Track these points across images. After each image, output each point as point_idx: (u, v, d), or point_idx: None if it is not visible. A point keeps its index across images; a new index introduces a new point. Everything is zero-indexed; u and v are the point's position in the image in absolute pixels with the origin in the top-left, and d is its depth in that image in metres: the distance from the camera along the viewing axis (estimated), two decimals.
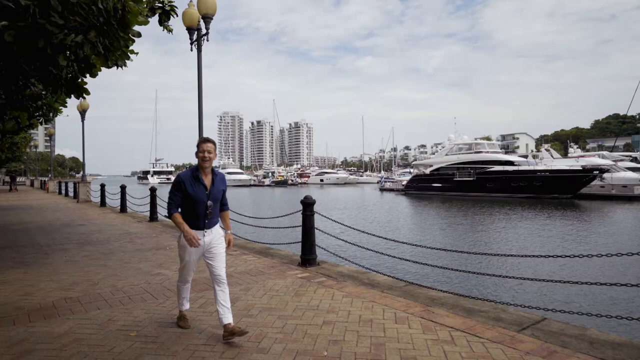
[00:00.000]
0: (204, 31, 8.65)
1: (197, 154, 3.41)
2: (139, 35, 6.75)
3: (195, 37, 8.87)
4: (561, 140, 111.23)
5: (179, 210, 3.40)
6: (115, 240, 8.64)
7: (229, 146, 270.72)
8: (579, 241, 15.83)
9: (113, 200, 17.64)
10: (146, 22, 6.74)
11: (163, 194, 14.04)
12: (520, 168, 40.84)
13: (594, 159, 43.44)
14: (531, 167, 40.71)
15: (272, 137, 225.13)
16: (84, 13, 5.98)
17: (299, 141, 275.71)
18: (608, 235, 17.29)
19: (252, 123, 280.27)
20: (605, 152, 52.66)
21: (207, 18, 8.45)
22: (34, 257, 7.03)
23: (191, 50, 9.03)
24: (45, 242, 8.49)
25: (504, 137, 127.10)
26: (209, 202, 3.37)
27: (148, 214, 12.45)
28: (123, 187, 15.33)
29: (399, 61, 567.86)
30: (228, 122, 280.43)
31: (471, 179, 43.63)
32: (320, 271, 5.69)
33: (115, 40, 6.50)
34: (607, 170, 38.08)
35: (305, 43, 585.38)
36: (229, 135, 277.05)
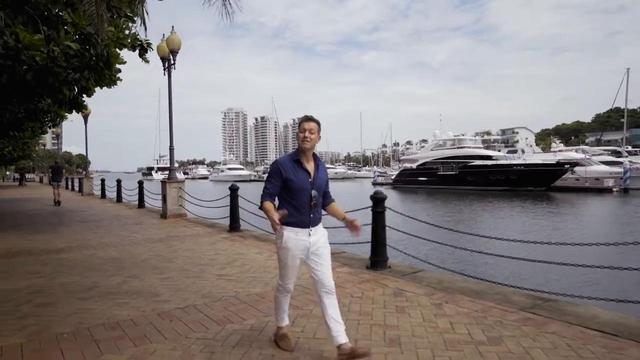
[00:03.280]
0: (172, 61, 11.46)
1: (297, 134, 2.98)
2: (119, 71, 9.61)
3: (166, 65, 11.67)
4: (562, 134, 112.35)
5: (275, 202, 2.99)
6: (106, 220, 11.50)
7: (233, 142, 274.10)
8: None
9: (113, 193, 20.53)
10: (124, 62, 9.55)
11: (151, 187, 16.86)
12: (498, 162, 43.43)
13: (570, 154, 45.93)
14: (508, 162, 43.28)
15: (276, 133, 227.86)
16: (80, 56, 8.78)
17: None
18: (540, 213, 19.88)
19: (256, 119, 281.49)
20: (585, 147, 55.10)
21: (174, 52, 11.26)
22: (47, 228, 9.91)
23: (164, 74, 11.82)
24: (55, 221, 11.38)
25: (503, 132, 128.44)
26: (314, 192, 2.94)
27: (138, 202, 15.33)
28: (119, 181, 18.27)
29: (404, 56, 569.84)
30: (232, 118, 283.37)
31: (454, 173, 46.21)
32: (238, 234, 8.47)
33: (102, 75, 9.33)
34: (579, 164, 40.55)
35: (310, 38, 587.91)
36: (233, 131, 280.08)
